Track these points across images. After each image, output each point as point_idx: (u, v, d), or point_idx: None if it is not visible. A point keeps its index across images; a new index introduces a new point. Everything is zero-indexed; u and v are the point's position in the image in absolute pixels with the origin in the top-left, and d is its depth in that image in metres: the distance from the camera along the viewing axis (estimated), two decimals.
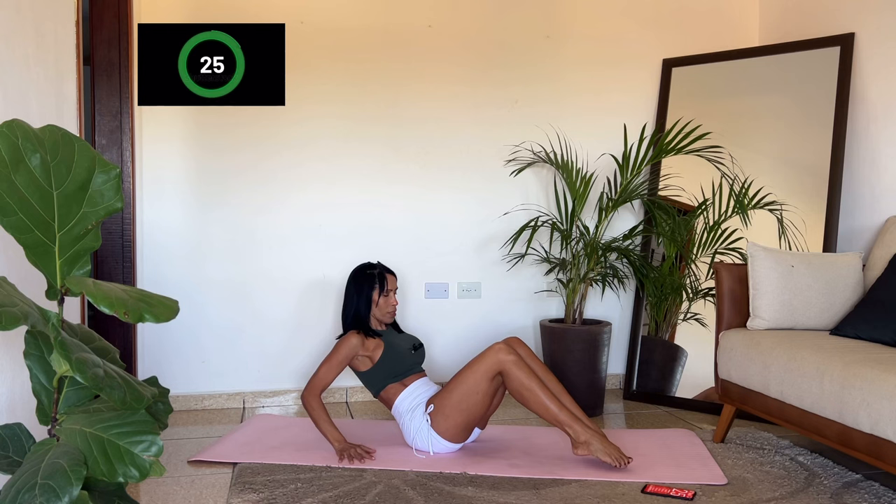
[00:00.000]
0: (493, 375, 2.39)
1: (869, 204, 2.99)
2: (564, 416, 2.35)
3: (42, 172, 1.23)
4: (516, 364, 2.37)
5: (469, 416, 2.44)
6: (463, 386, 2.41)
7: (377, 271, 2.66)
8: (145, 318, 1.19)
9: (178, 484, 2.26)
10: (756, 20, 3.70)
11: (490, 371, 2.39)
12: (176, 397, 3.12)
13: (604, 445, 2.33)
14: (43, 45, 2.00)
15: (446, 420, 2.44)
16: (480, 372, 2.39)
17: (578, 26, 3.52)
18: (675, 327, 3.32)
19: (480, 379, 2.39)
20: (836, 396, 2.08)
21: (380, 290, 2.63)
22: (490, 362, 2.39)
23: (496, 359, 2.38)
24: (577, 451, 2.35)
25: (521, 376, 2.36)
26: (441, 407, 2.45)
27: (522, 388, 2.36)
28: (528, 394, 2.36)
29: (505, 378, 2.39)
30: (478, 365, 2.41)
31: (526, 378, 2.36)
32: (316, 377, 2.50)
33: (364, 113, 3.30)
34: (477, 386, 2.40)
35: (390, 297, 2.66)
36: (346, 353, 2.53)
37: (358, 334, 2.56)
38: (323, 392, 2.51)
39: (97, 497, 1.29)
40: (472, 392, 2.40)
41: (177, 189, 3.15)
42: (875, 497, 2.14)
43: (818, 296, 2.58)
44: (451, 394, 2.43)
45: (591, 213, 3.45)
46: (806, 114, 3.18)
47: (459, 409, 2.42)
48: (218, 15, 3.08)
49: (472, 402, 2.41)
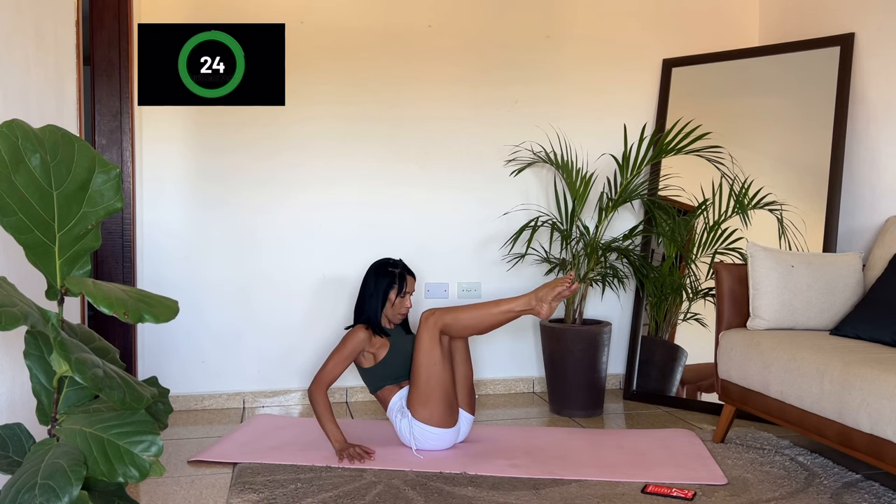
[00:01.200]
0: (436, 339, 2.47)
1: (869, 204, 2.99)
2: (506, 304, 2.48)
3: (42, 172, 1.23)
4: (442, 312, 2.48)
5: (443, 391, 2.46)
6: (420, 367, 2.47)
7: (398, 271, 2.65)
8: (145, 318, 1.19)
9: (178, 484, 2.27)
10: (756, 20, 3.70)
11: (431, 336, 2.46)
12: (176, 397, 3.12)
13: (547, 290, 2.45)
14: (43, 45, 2.00)
15: (425, 406, 2.46)
16: (425, 343, 2.47)
17: (578, 26, 3.52)
18: (675, 327, 3.32)
19: (428, 350, 2.46)
20: (836, 396, 2.08)
21: (398, 290, 2.63)
22: (426, 330, 2.48)
23: (427, 323, 2.48)
24: (542, 315, 2.47)
25: (452, 315, 2.48)
26: (414, 396, 2.48)
27: (461, 320, 2.48)
28: (467, 319, 2.49)
29: (445, 330, 2.48)
30: (420, 341, 2.48)
31: (455, 312, 2.48)
32: (324, 371, 2.49)
33: (364, 113, 3.31)
34: (430, 357, 2.46)
35: (406, 299, 2.64)
36: (353, 348, 2.52)
37: (366, 329, 2.56)
38: (330, 386, 2.51)
39: (97, 497, 1.29)
40: (429, 366, 2.46)
41: (177, 189, 3.15)
42: (875, 497, 2.14)
43: (818, 296, 2.58)
44: (416, 380, 2.47)
45: (591, 213, 3.45)
46: (806, 114, 3.18)
47: (429, 387, 2.45)
48: (218, 15, 3.08)
49: (435, 374, 2.45)
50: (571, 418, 3.06)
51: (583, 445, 2.63)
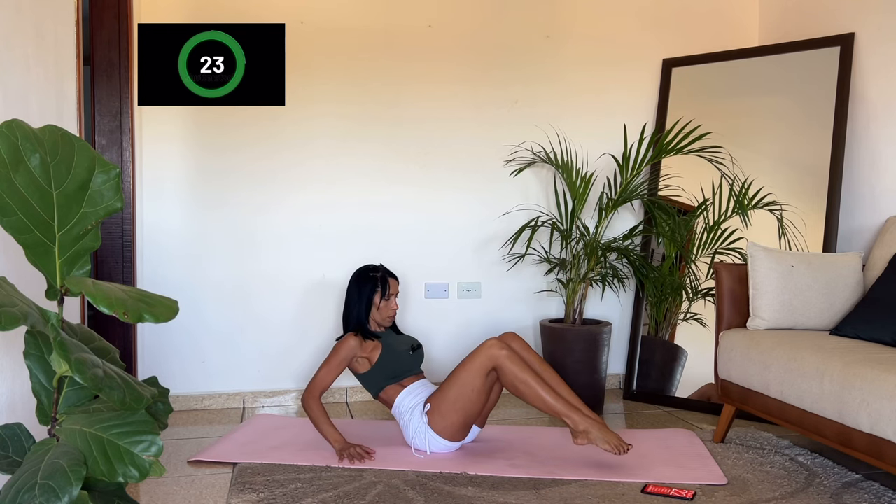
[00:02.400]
0: (487, 371, 2.39)
1: (869, 204, 2.99)
2: (561, 407, 2.33)
3: (42, 172, 1.23)
4: (509, 358, 2.36)
5: (466, 414, 2.44)
6: (458, 384, 2.41)
7: (380, 275, 2.66)
8: (145, 318, 1.19)
9: (178, 484, 2.26)
10: (756, 20, 3.70)
11: (483, 367, 2.38)
12: (176, 397, 3.12)
13: (602, 434, 2.30)
14: (43, 45, 2.00)
15: (443, 419, 2.44)
16: (474, 369, 2.39)
17: (578, 26, 3.52)
18: (675, 327, 3.32)
19: (475, 376, 2.39)
20: (836, 396, 2.08)
21: (381, 293, 2.63)
22: (483, 358, 2.38)
23: (489, 354, 2.38)
24: (576, 441, 2.33)
25: (514, 370, 2.35)
26: (438, 406, 2.45)
27: (517, 381, 2.35)
28: (522, 387, 2.34)
29: (499, 373, 2.38)
30: (471, 362, 2.40)
31: (520, 371, 2.34)
32: (315, 379, 2.50)
33: (364, 113, 3.30)
34: (472, 383, 2.39)
35: (391, 301, 2.65)
36: (345, 356, 2.53)
37: (356, 336, 2.57)
38: (323, 394, 2.51)
39: (97, 497, 1.29)
40: (467, 389, 2.40)
41: (177, 189, 3.15)
42: (875, 497, 2.14)
43: (818, 296, 2.58)
44: (447, 392, 2.43)
45: (591, 213, 3.45)
46: (806, 114, 3.18)
47: (455, 407, 2.42)
48: (218, 15, 3.08)
49: (468, 399, 2.41)
50: None
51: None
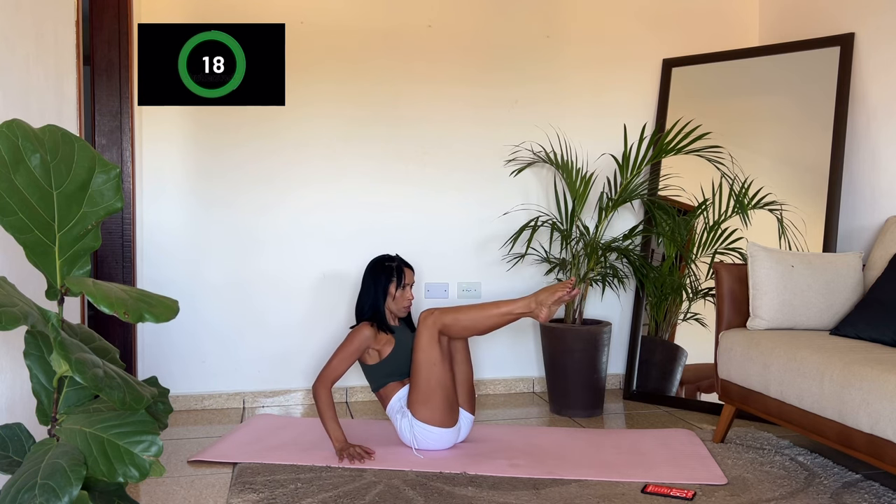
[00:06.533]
0: (435, 339, 2.46)
1: (869, 204, 2.99)
2: (505, 306, 2.46)
3: (42, 172, 1.22)
4: (441, 312, 2.47)
5: (443, 391, 2.46)
6: (420, 367, 2.46)
7: (395, 264, 2.67)
8: (145, 318, 1.19)
9: (178, 484, 2.27)
10: (756, 20, 3.70)
11: (431, 337, 2.46)
12: (176, 397, 3.12)
13: (546, 294, 2.44)
14: (43, 45, 2.00)
15: (425, 405, 2.46)
16: (424, 344, 2.46)
17: (578, 26, 3.52)
18: (675, 327, 3.32)
19: (429, 349, 2.46)
20: (836, 396, 2.08)
21: (397, 283, 2.64)
22: (425, 330, 2.47)
23: (427, 323, 2.47)
24: (541, 318, 2.45)
25: (452, 315, 2.47)
26: (415, 397, 2.48)
27: (461, 318, 2.47)
28: (466, 318, 2.48)
29: (444, 330, 2.47)
30: (419, 341, 2.48)
31: (456, 312, 2.48)
32: (328, 368, 2.50)
33: (364, 113, 3.31)
34: (430, 358, 2.46)
35: (407, 290, 2.66)
36: (359, 345, 2.53)
37: (371, 326, 2.56)
38: (335, 383, 2.51)
39: (97, 497, 1.29)
40: (429, 365, 2.45)
41: (177, 189, 3.15)
42: (875, 497, 2.14)
43: (818, 296, 2.58)
44: (416, 380, 2.48)
45: (591, 213, 3.45)
46: (806, 114, 3.18)
47: (429, 387, 2.45)
48: (218, 15, 3.08)
49: (435, 374, 2.45)
50: (571, 418, 3.06)
51: (583, 445, 2.63)
